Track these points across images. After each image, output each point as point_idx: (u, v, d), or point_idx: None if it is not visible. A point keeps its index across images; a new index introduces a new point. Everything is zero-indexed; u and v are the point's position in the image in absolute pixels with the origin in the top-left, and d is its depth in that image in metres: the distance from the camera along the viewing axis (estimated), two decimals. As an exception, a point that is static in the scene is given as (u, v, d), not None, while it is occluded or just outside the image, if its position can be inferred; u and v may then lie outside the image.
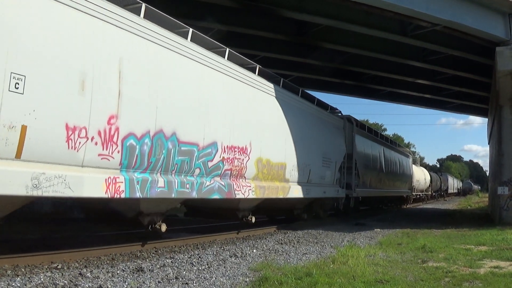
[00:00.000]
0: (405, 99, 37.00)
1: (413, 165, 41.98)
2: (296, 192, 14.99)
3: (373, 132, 27.24)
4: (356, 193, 21.21)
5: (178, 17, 10.30)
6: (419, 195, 45.93)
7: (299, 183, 15.25)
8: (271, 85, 13.85)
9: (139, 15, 8.79)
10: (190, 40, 10.29)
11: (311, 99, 17.59)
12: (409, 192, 37.49)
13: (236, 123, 11.57)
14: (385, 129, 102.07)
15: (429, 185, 50.81)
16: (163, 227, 10.04)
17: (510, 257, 9.89)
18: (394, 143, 35.39)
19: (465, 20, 17.52)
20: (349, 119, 21.81)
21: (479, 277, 7.72)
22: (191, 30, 10.33)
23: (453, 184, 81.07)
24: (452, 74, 27.24)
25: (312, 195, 16.47)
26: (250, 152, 12.09)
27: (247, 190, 12.06)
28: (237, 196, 11.66)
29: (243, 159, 11.80)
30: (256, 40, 21.66)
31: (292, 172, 14.66)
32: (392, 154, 30.84)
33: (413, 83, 30.20)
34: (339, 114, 21.22)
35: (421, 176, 45.48)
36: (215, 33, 17.41)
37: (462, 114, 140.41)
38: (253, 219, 13.53)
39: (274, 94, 13.89)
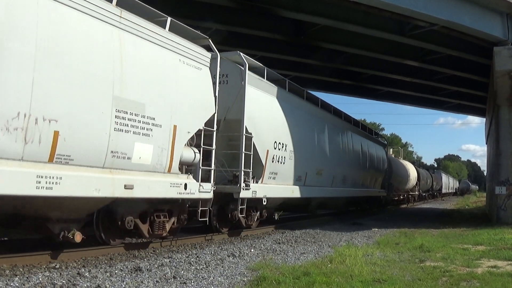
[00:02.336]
0: (403, 98, 37.05)
1: (391, 157, 35.43)
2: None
3: (305, 95, 17.42)
4: (252, 191, 12.57)
5: (178, 18, 10.28)
6: (403, 196, 38.38)
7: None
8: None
9: None
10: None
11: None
12: (383, 192, 29.63)
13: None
14: (383, 129, 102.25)
15: (416, 184, 42.39)
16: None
17: (507, 256, 9.91)
18: (357, 123, 25.07)
19: (463, 20, 17.55)
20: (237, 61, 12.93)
21: (477, 276, 7.74)
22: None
23: (448, 183, 73.23)
24: (450, 74, 27.30)
25: None
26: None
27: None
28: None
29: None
30: (255, 40, 21.68)
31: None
32: (350, 136, 22.19)
33: (411, 83, 30.23)
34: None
35: (403, 172, 37.13)
36: (214, 33, 17.39)
37: (460, 114, 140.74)
38: None
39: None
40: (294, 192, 15.37)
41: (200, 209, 10.65)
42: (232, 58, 12.79)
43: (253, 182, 12.69)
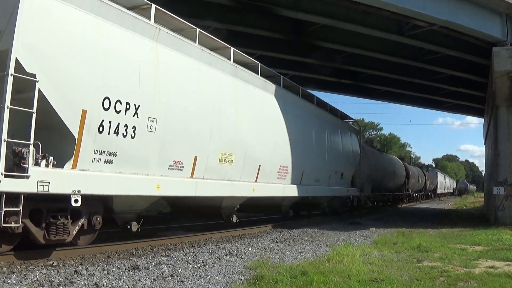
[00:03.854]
0: (402, 98, 37.06)
1: (367, 147, 28.68)
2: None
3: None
4: (34, 181, 6.97)
5: (178, 16, 10.31)
6: (386, 196, 32.68)
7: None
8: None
9: None
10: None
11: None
12: (355, 191, 23.27)
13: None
14: (381, 128, 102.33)
15: (404, 182, 36.45)
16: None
17: (505, 257, 9.93)
18: (311, 96, 18.21)
19: (462, 20, 17.55)
20: None
21: (474, 277, 7.74)
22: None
23: (445, 183, 68.68)
24: (448, 74, 27.30)
25: None
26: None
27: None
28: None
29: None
30: (254, 39, 21.68)
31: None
32: (297, 112, 16.21)
33: (410, 83, 30.23)
34: None
35: (387, 168, 31.03)
36: (213, 31, 17.40)
37: (459, 114, 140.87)
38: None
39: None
40: (162, 188, 9.57)
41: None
42: None
43: (46, 164, 7.28)
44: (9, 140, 6.58)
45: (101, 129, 8.08)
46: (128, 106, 8.58)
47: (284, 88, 15.55)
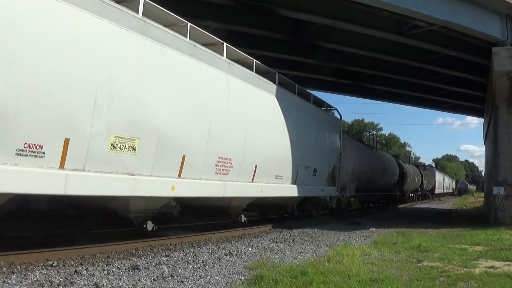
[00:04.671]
0: (402, 98, 37.03)
1: (349, 139, 25.83)
2: None
3: None
4: None
5: (178, 16, 10.31)
6: (376, 197, 29.90)
7: None
8: None
9: None
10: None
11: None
12: (333, 191, 19.80)
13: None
14: (381, 128, 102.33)
15: (398, 182, 33.77)
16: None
17: (505, 257, 9.92)
18: (272, 74, 14.84)
19: (462, 20, 17.55)
20: None
21: (474, 277, 7.74)
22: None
23: (443, 182, 65.87)
24: (448, 74, 27.29)
25: None
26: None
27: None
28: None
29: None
30: (254, 39, 21.66)
31: None
32: (248, 87, 13.06)
33: (409, 83, 30.21)
34: None
35: (378, 166, 28.01)
36: (213, 31, 17.39)
37: (459, 114, 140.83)
38: None
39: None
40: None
41: None
42: None
43: None
44: None
45: None
46: None
47: (230, 59, 12.15)
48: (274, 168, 14.15)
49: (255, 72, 13.41)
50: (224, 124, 11.44)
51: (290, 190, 15.45)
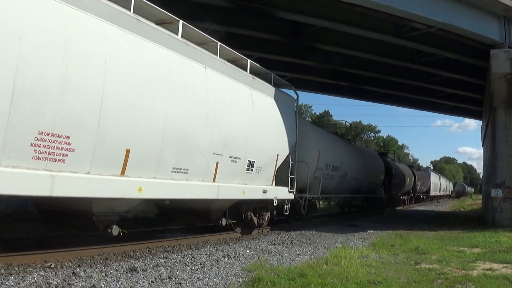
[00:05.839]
0: (400, 100, 37.05)
1: (310, 125, 22.30)
2: None
3: None
4: None
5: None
6: (355, 198, 24.76)
7: None
8: None
9: None
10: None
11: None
12: (283, 192, 14.45)
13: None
14: (379, 131, 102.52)
15: (384, 182, 29.73)
16: None
17: (503, 259, 9.94)
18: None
19: (460, 23, 17.57)
20: None
21: (472, 279, 7.75)
22: None
23: (440, 184, 62.24)
24: (446, 76, 27.33)
25: None
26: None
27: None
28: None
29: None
30: (252, 41, 21.67)
31: None
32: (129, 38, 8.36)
33: (407, 85, 30.23)
34: None
35: (355, 163, 23.01)
36: (211, 33, 17.41)
37: (457, 117, 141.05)
38: None
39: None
40: None
41: None
42: None
43: None
44: None
45: None
46: None
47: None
48: (168, 156, 9.41)
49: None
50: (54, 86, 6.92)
51: (204, 191, 10.79)
